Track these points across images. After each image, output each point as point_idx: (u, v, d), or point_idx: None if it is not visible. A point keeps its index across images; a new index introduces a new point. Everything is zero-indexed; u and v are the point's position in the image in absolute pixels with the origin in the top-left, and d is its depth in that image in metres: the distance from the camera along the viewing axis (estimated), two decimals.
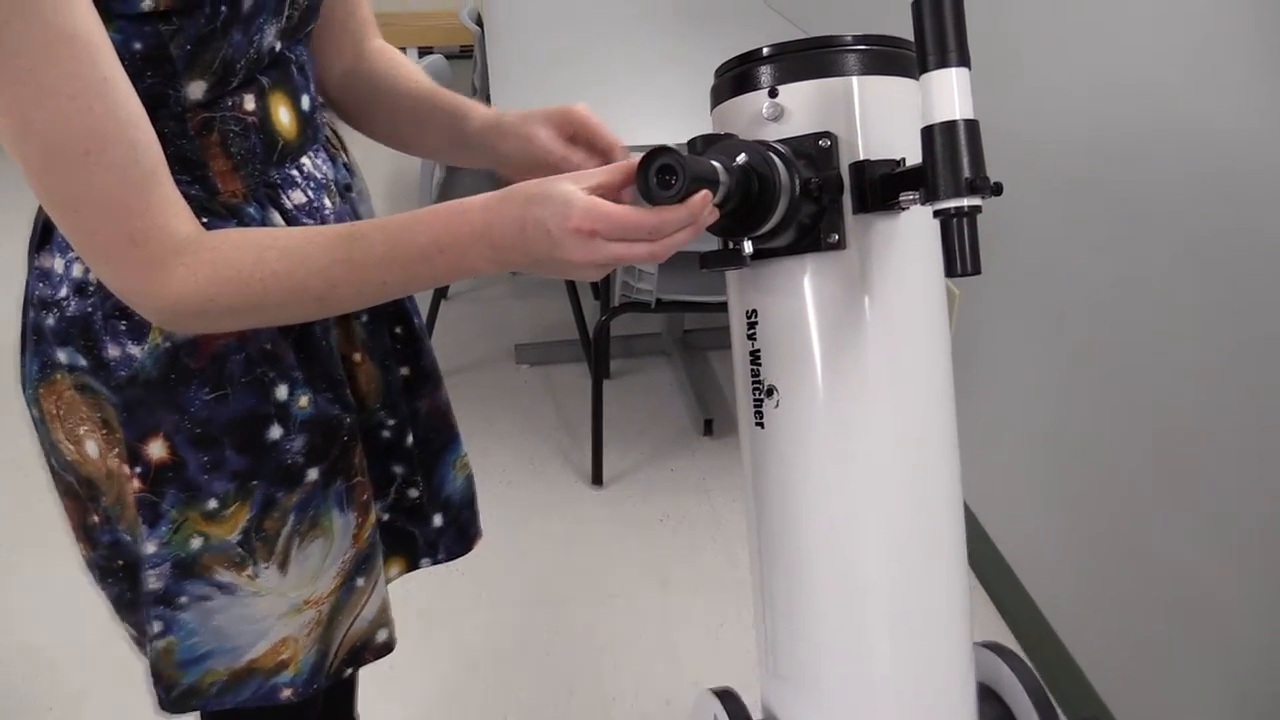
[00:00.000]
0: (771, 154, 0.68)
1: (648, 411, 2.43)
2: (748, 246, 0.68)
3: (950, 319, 1.90)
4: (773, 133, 0.72)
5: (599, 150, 0.76)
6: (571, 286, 2.60)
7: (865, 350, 0.73)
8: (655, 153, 0.61)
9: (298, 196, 0.75)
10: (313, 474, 0.80)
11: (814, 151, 0.71)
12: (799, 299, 0.73)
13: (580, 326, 2.55)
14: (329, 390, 0.80)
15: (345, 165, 0.84)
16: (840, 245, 0.71)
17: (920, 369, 0.75)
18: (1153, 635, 1.38)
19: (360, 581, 0.86)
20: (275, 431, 0.76)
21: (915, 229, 0.73)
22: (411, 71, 0.86)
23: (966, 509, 1.85)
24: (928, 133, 0.62)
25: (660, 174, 0.61)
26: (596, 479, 2.16)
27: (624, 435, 2.34)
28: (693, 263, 1.99)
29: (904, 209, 0.71)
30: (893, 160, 0.71)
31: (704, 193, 0.62)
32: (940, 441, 0.75)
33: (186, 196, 0.66)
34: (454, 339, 2.70)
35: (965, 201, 0.61)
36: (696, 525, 2.04)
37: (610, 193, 0.64)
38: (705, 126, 0.77)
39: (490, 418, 2.40)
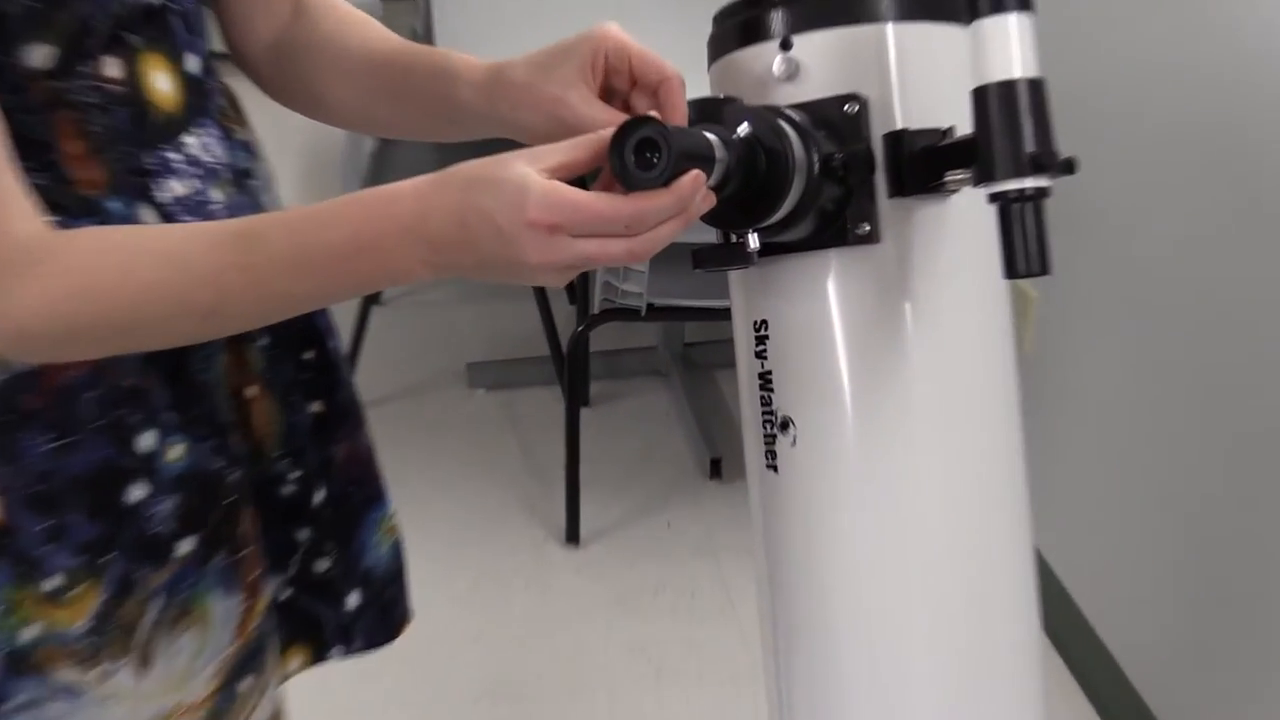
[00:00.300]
0: (783, 122, 0.68)
1: (638, 448, 2.42)
2: (753, 241, 0.68)
3: (1023, 331, 1.88)
4: (786, 95, 0.72)
5: (648, 87, 0.74)
6: (540, 289, 2.62)
7: (906, 371, 0.73)
8: (633, 124, 0.61)
9: (177, 187, 0.74)
10: (186, 546, 0.77)
11: (838, 119, 0.71)
12: (820, 306, 0.74)
13: (551, 339, 2.54)
14: (211, 437, 0.78)
15: (243, 145, 0.83)
16: (872, 238, 0.72)
17: (977, 394, 0.75)
18: None
19: (246, 683, 0.83)
20: (138, 491, 0.74)
21: (967, 217, 0.73)
22: (370, 30, 0.85)
23: (1041, 565, 1.83)
24: (980, 95, 0.62)
25: (640, 150, 0.61)
26: (572, 536, 2.14)
27: (607, 479, 2.32)
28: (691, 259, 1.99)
29: (952, 192, 0.71)
30: (937, 130, 0.71)
31: (694, 173, 0.62)
32: (1004, 486, 0.76)
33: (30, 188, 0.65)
34: (387, 357, 2.68)
35: (1028, 183, 0.61)
36: (700, 597, 2.02)
37: (575, 174, 0.64)
38: (701, 87, 0.77)
39: (434, 458, 2.38)
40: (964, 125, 0.68)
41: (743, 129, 0.67)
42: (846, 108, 0.71)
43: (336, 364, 0.92)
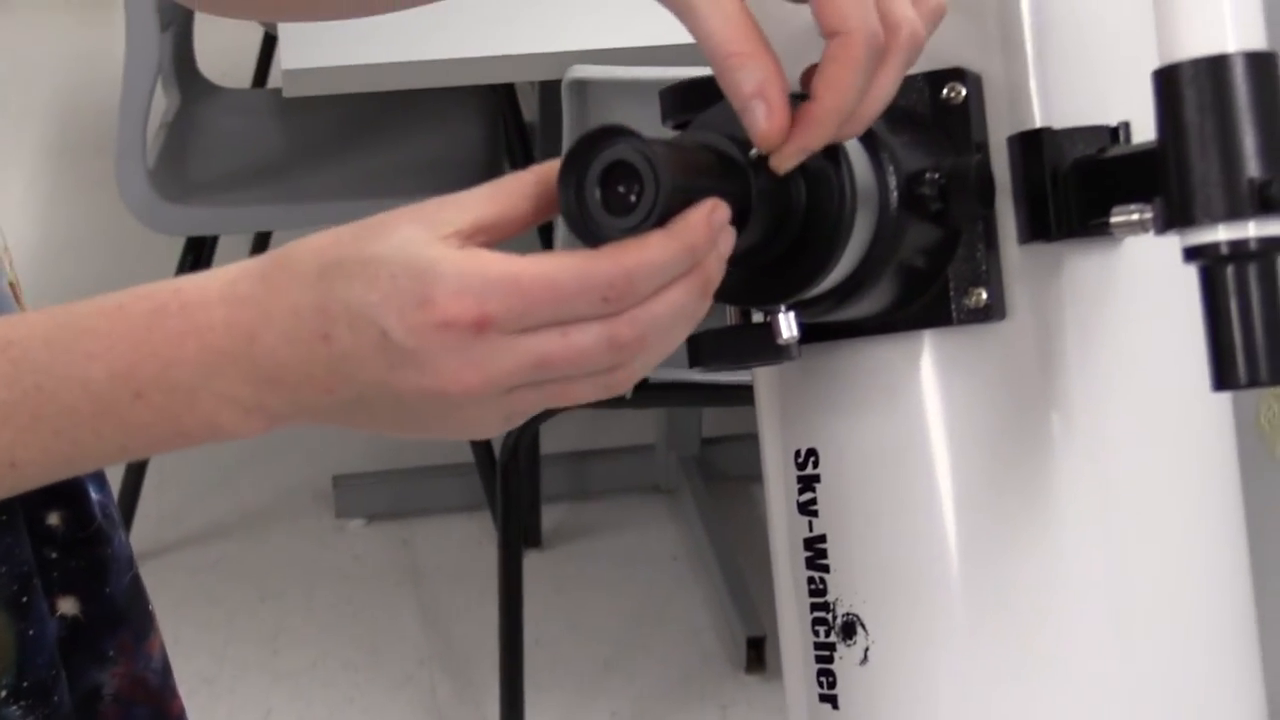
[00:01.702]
0: None
1: (625, 623, 2.45)
2: (788, 322, 0.69)
3: (1274, 435, 1.87)
4: None
5: (825, 25, 0.67)
6: None
7: (1057, 536, 0.74)
8: (593, 141, 0.62)
9: None
10: None
11: (930, 112, 0.72)
12: (906, 426, 0.74)
13: (475, 441, 2.59)
14: None
15: None
16: (993, 311, 0.72)
17: (1177, 569, 0.76)
18: None
19: None
20: None
21: (1153, 275, 0.74)
22: None
23: None
24: (1169, 80, 0.63)
25: (610, 183, 0.62)
26: None
27: (575, 679, 2.35)
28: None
29: (1120, 238, 0.71)
30: (1100, 130, 0.72)
31: (711, 203, 0.63)
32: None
33: None
34: (200, 472, 2.75)
35: (1251, 230, 0.61)
36: None
37: (506, 236, 0.65)
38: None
39: (275, 642, 2.42)
40: (1141, 122, 0.69)
41: None
42: (948, 92, 0.72)
43: (103, 534, 0.92)
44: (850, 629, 0.75)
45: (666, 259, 0.62)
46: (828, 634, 0.76)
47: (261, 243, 3.01)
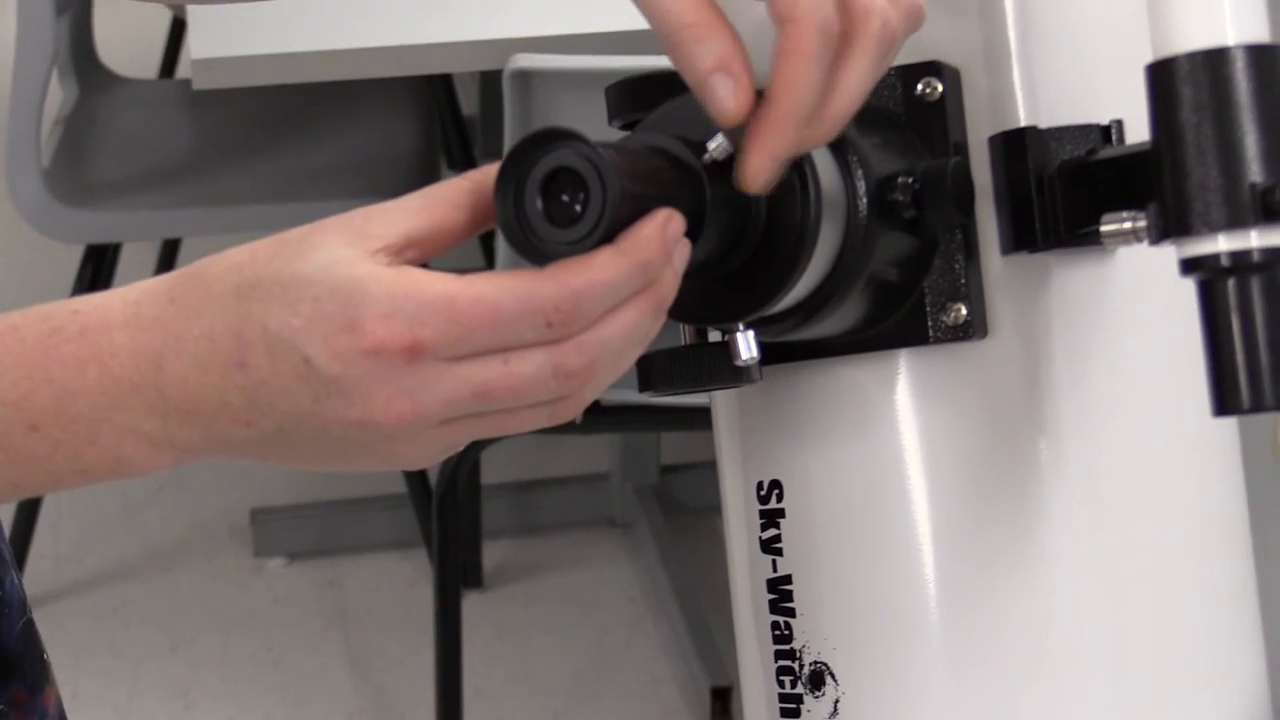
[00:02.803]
0: None
1: (576, 670, 2.44)
2: (747, 342, 0.69)
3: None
4: None
5: (775, 10, 0.68)
6: None
7: (1042, 575, 0.74)
8: (533, 145, 0.63)
9: None
10: None
11: (903, 110, 0.72)
12: (880, 454, 0.75)
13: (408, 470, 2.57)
14: None
15: None
16: (972, 329, 0.73)
17: (1174, 594, 0.77)
18: None
19: None
20: None
21: (1146, 288, 0.74)
22: None
23: None
24: (1163, 75, 0.63)
25: (552, 192, 0.63)
26: None
27: None
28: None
29: (1112, 248, 0.72)
30: (1091, 129, 0.72)
31: (665, 214, 0.63)
32: None
33: None
34: (108, 507, 2.75)
35: (1254, 240, 0.62)
36: None
37: (440, 251, 0.65)
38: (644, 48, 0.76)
39: (187, 696, 2.41)
40: (1135, 121, 0.70)
41: (720, 142, 0.67)
42: (923, 88, 0.72)
43: None
44: (819, 679, 0.75)
45: (617, 278, 0.63)
46: (794, 684, 0.76)
47: (170, 251, 3.00)
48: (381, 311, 0.62)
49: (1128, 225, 0.67)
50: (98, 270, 2.49)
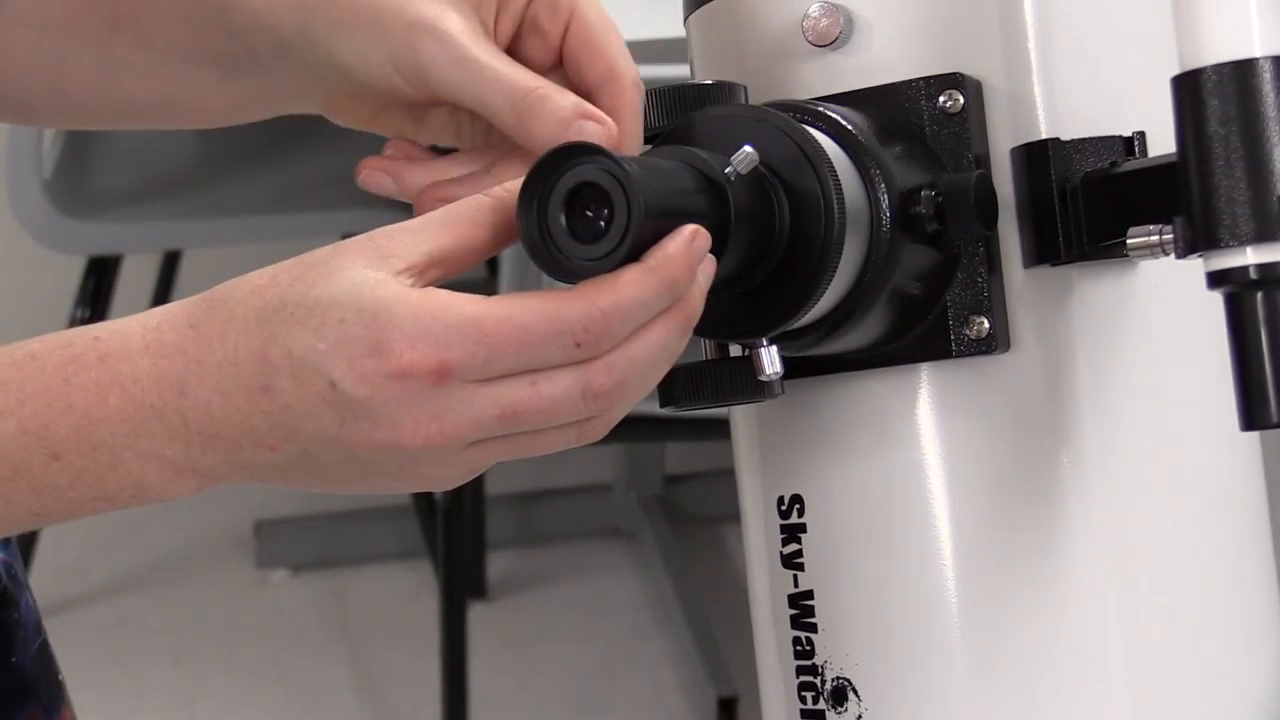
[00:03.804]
0: (822, 135, 0.69)
1: (581, 680, 2.45)
2: (770, 357, 0.69)
3: None
4: (829, 79, 0.73)
5: (583, 82, 0.76)
6: None
7: (1068, 587, 0.74)
8: (557, 160, 0.63)
9: None
10: None
11: (925, 123, 0.72)
12: (903, 467, 0.75)
13: None
14: None
15: None
16: (995, 343, 0.73)
17: (1198, 611, 0.77)
18: None
19: None
20: None
21: (1172, 302, 0.74)
22: None
23: None
24: (1190, 86, 0.63)
25: (575, 208, 0.63)
26: None
27: None
28: None
29: (1134, 260, 0.71)
30: (1114, 141, 0.72)
31: (691, 230, 0.64)
32: None
33: None
34: (111, 519, 2.66)
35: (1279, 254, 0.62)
36: None
37: (462, 268, 0.66)
38: (671, 60, 0.77)
39: (191, 708, 2.41)
40: (1158, 134, 0.70)
41: (745, 155, 0.67)
42: (944, 100, 0.72)
43: (8, 596, 0.92)
44: (841, 695, 0.75)
45: (644, 297, 0.63)
46: (815, 700, 0.76)
47: (171, 262, 3.00)
48: (408, 334, 0.62)
49: (1154, 238, 0.67)
50: (100, 282, 2.48)
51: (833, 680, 0.76)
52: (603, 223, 0.62)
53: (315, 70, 0.78)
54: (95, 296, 2.48)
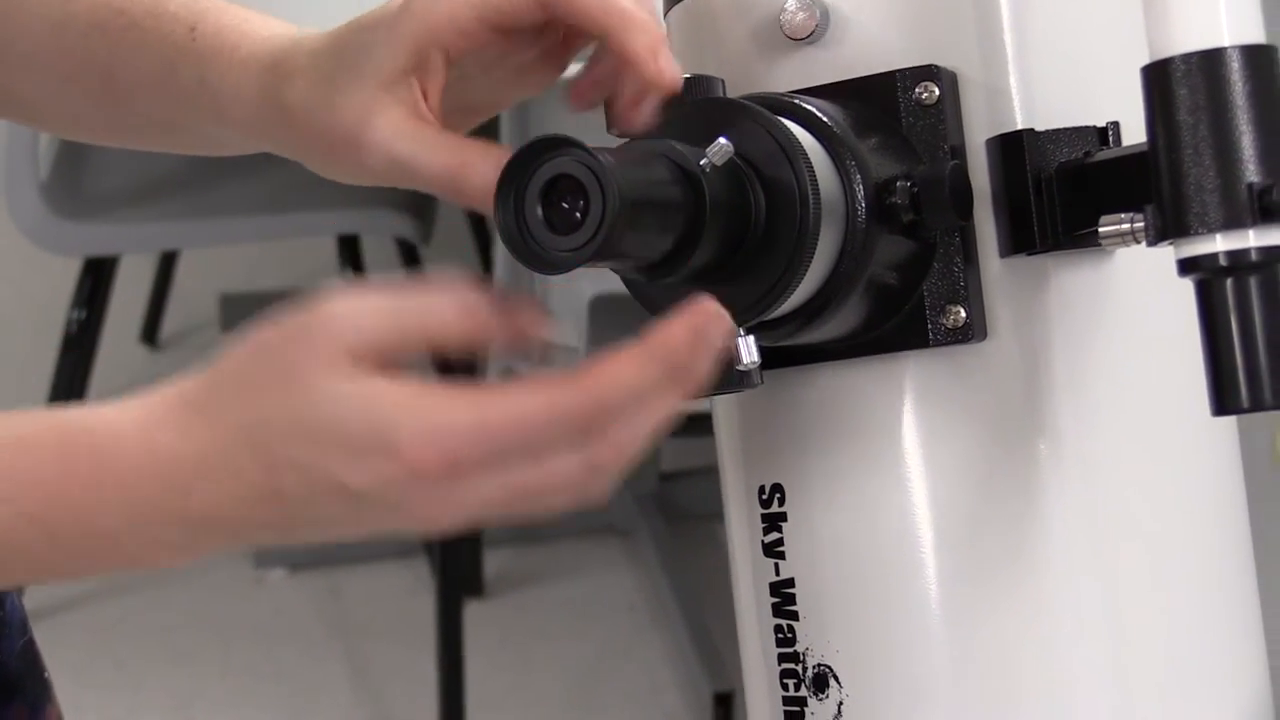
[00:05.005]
0: (797, 128, 0.70)
1: (578, 678, 2.45)
2: (749, 347, 0.69)
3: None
4: (805, 71, 0.74)
5: (578, 35, 0.76)
6: None
7: (1046, 573, 0.74)
8: (533, 153, 0.64)
9: None
10: None
11: (901, 115, 0.72)
12: (882, 456, 0.75)
13: None
14: None
15: None
16: (971, 332, 0.73)
17: (1175, 590, 0.77)
18: None
19: None
20: None
21: (1146, 290, 0.74)
22: None
23: None
24: (1159, 76, 0.63)
25: (552, 199, 0.64)
26: None
27: None
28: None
29: (1114, 248, 0.72)
30: (1089, 131, 0.73)
31: (697, 309, 0.63)
32: None
33: None
34: None
35: (1251, 240, 0.62)
36: None
37: (415, 353, 0.66)
38: None
39: (189, 709, 2.41)
40: (1133, 124, 0.70)
41: (720, 147, 0.67)
42: (920, 92, 0.72)
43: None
44: (822, 682, 0.75)
45: (645, 385, 0.63)
46: (797, 687, 0.76)
47: (168, 263, 3.00)
48: (417, 442, 0.62)
49: (1126, 226, 0.68)
50: (96, 283, 2.47)
51: (814, 667, 0.76)
52: (579, 214, 0.62)
53: (309, 144, 0.80)
54: (92, 298, 2.47)
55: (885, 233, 0.71)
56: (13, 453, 0.66)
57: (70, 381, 2.48)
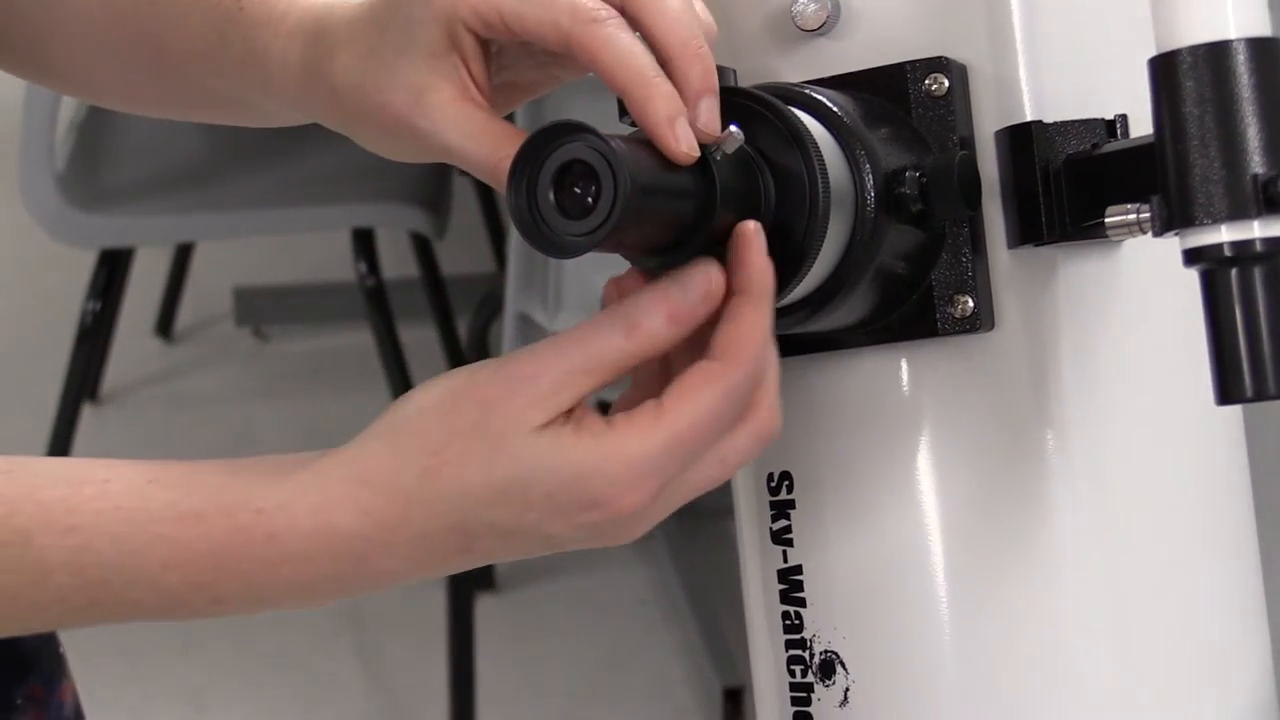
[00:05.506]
0: (809, 118, 0.70)
1: (589, 672, 2.44)
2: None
3: None
4: (816, 63, 0.74)
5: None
6: (393, 358, 2.58)
7: (1052, 563, 0.75)
8: (546, 138, 0.64)
9: None
10: None
11: (911, 106, 0.73)
12: (890, 445, 0.75)
13: None
14: None
15: None
16: (979, 321, 0.73)
17: (1180, 587, 0.77)
18: None
19: None
20: None
21: (1153, 282, 0.75)
22: None
23: None
24: (1165, 68, 0.64)
25: (565, 184, 0.64)
26: None
27: None
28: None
29: (1120, 239, 0.72)
30: (1097, 123, 0.73)
31: (751, 227, 0.66)
32: None
33: None
34: None
35: (1256, 230, 0.62)
36: None
37: (605, 380, 0.67)
38: None
39: (201, 698, 2.42)
40: (1140, 116, 0.70)
41: (731, 135, 0.67)
42: (929, 84, 0.73)
43: None
44: (829, 668, 0.76)
45: (765, 324, 0.66)
46: (804, 673, 0.77)
47: (183, 255, 2.99)
48: (619, 488, 0.65)
49: (1132, 217, 0.68)
50: (111, 275, 2.48)
51: (821, 654, 0.76)
52: (590, 199, 0.63)
53: (352, 115, 0.80)
54: (106, 290, 2.48)
55: (894, 222, 0.71)
56: (185, 524, 0.68)
57: (84, 373, 2.49)
